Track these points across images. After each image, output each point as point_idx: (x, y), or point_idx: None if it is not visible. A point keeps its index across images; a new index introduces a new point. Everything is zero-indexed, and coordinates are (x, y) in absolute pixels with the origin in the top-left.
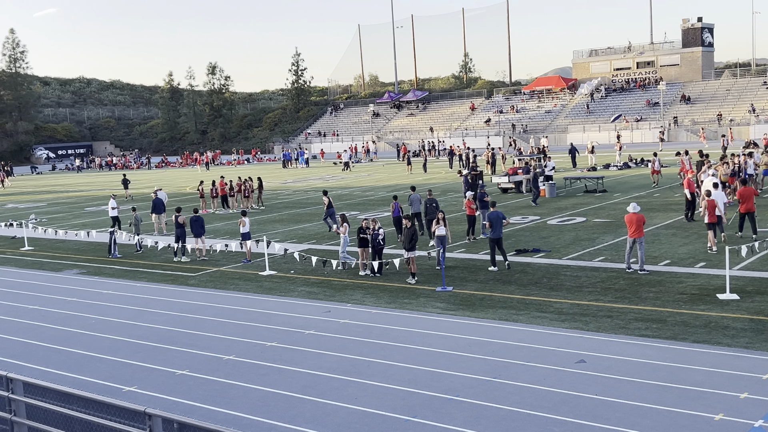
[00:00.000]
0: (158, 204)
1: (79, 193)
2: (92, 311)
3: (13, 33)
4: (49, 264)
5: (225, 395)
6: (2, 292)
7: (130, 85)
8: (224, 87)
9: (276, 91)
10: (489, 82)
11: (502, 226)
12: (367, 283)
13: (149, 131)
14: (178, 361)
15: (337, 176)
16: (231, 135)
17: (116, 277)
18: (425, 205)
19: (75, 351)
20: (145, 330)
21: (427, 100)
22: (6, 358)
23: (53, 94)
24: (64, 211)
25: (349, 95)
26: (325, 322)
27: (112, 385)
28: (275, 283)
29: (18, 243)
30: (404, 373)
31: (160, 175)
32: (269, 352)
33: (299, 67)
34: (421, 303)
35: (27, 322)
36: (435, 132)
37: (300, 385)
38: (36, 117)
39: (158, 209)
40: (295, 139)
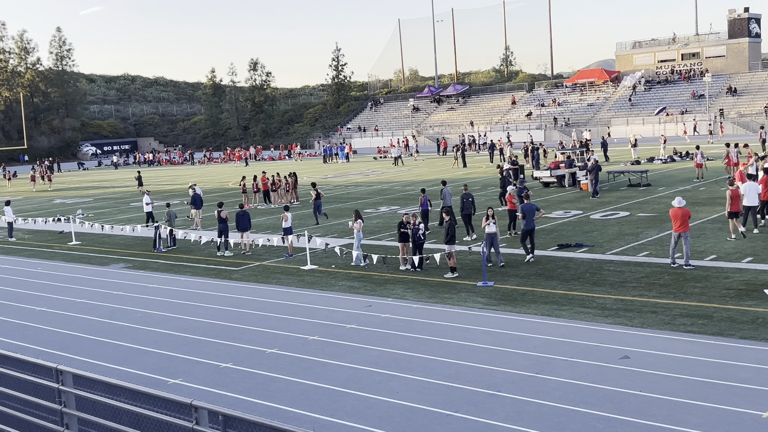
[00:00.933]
0: (197, 198)
1: (123, 188)
2: (138, 305)
3: (59, 31)
4: (95, 258)
5: (268, 388)
6: (51, 285)
7: (173, 81)
8: (265, 83)
9: (316, 86)
10: (530, 75)
11: (534, 217)
12: (407, 278)
13: (192, 127)
14: (221, 355)
15: (377, 171)
16: (272, 130)
17: (161, 271)
18: (461, 200)
19: (122, 344)
20: (190, 323)
21: (467, 94)
22: (56, 351)
23: (99, 91)
24: (109, 206)
25: (389, 90)
26: (366, 316)
27: (158, 378)
28: (316, 277)
29: (66, 238)
30: (445, 367)
31: (203, 171)
32: (311, 345)
33: (339, 62)
34: (462, 298)
35: (75, 316)
36: (475, 126)
37: (342, 378)
38: (82, 114)
39: (197, 204)
40: (335, 135)
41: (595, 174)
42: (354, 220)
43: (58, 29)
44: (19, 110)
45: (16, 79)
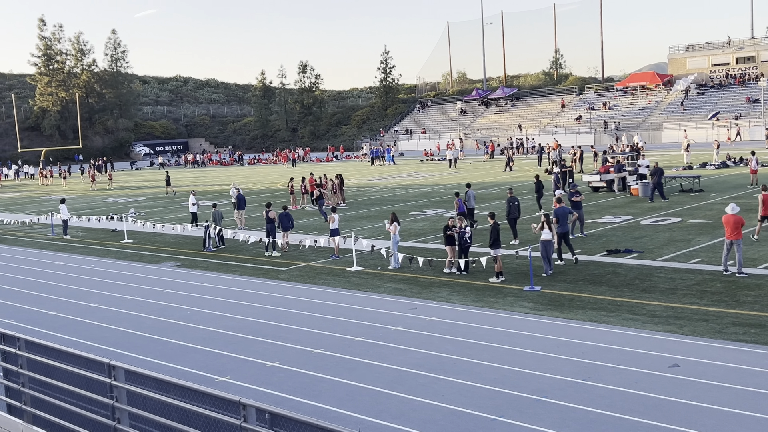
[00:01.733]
0: (240, 199)
1: (174, 188)
2: (188, 303)
3: (114, 33)
4: (147, 256)
5: (314, 388)
6: (104, 282)
7: (224, 83)
8: (314, 85)
9: (365, 89)
10: (580, 79)
11: (567, 220)
12: (453, 281)
13: (242, 129)
14: (268, 353)
15: (424, 173)
16: (320, 132)
17: (210, 270)
18: (507, 204)
19: (172, 341)
20: (238, 322)
21: (516, 96)
22: (108, 347)
23: (152, 93)
24: (161, 205)
25: (436, 92)
26: (412, 318)
27: (207, 375)
28: (362, 278)
29: (118, 236)
30: (491, 372)
31: (252, 172)
32: (356, 346)
33: (388, 65)
34: (508, 302)
35: (127, 312)
36: (523, 129)
37: (387, 380)
38: (135, 114)
39: (240, 204)
40: (380, 137)
41: (657, 178)
42: (390, 223)
43: (113, 31)
44: (75, 111)
45: (72, 80)
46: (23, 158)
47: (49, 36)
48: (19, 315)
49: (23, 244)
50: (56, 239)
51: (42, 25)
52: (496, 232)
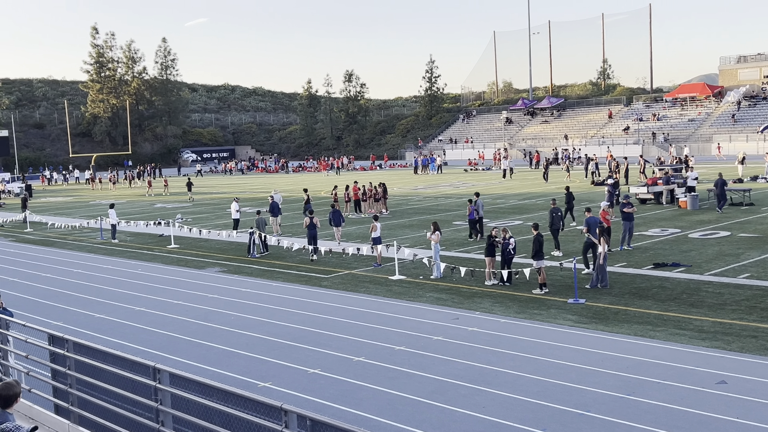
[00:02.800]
0: (275, 207)
1: (221, 195)
2: (232, 308)
3: (165, 42)
4: (192, 261)
5: (354, 396)
6: (150, 287)
7: (271, 92)
8: (359, 94)
9: (409, 98)
10: (628, 89)
11: (596, 230)
12: (496, 292)
13: (288, 136)
14: (310, 360)
15: (468, 183)
16: (365, 141)
17: (254, 276)
18: (550, 215)
19: (215, 346)
20: (280, 328)
21: (562, 107)
22: (153, 350)
23: (200, 100)
24: (207, 211)
25: (482, 102)
26: (453, 329)
27: (249, 380)
28: (404, 287)
29: (165, 241)
30: (533, 384)
31: (296, 180)
32: (398, 355)
33: (433, 74)
34: (551, 314)
35: (172, 317)
36: (570, 140)
37: (428, 390)
38: (184, 122)
39: (274, 212)
40: (427, 146)
41: (720, 189)
42: (432, 232)
43: (164, 40)
44: (125, 117)
45: (123, 87)
46: (74, 163)
47: (101, 44)
48: (68, 317)
49: (73, 248)
50: (105, 243)
51: (95, 34)
52: (539, 243)
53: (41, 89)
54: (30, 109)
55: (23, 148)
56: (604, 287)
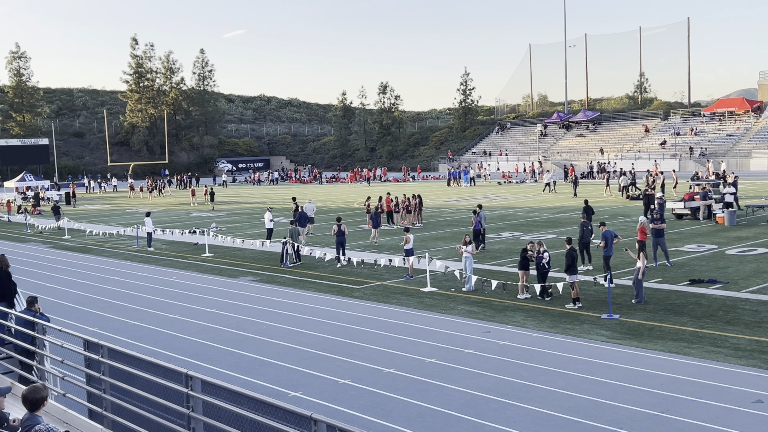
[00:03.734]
0: (302, 216)
1: (255, 204)
2: (264, 317)
3: (203, 53)
4: (226, 270)
5: (384, 407)
6: (185, 295)
7: (306, 103)
8: (394, 106)
9: (443, 110)
10: (665, 103)
11: (613, 243)
12: (528, 306)
13: (322, 147)
14: (341, 371)
15: (501, 195)
16: (398, 153)
17: (287, 285)
18: (580, 229)
19: (247, 354)
20: (312, 338)
21: (598, 120)
22: (186, 357)
23: (236, 111)
24: (241, 221)
25: (516, 115)
26: (485, 342)
27: (279, 389)
28: (436, 299)
29: (200, 249)
30: (565, 400)
31: (330, 190)
32: (428, 368)
33: (467, 86)
34: (585, 329)
35: (205, 324)
36: (605, 153)
37: (458, 403)
38: (220, 132)
39: (302, 221)
40: (459, 158)
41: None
42: (466, 245)
43: (202, 51)
44: (163, 127)
45: (161, 97)
46: (112, 171)
47: (140, 54)
48: (103, 323)
49: (109, 255)
50: (140, 251)
51: (134, 44)
52: (571, 257)
53: (81, 99)
54: (70, 118)
55: (63, 157)
56: (638, 303)
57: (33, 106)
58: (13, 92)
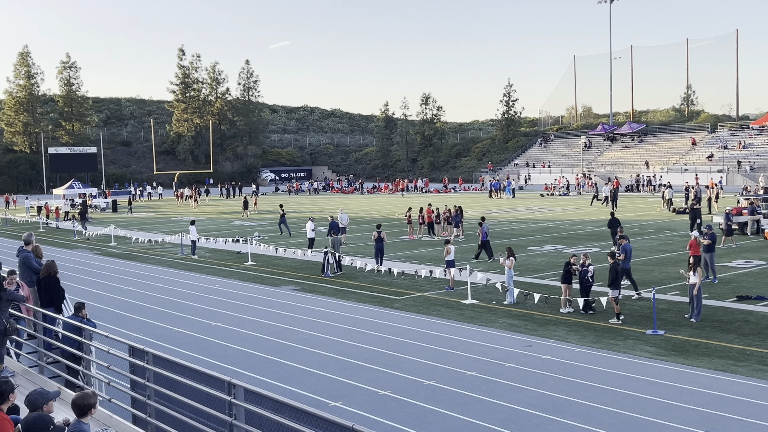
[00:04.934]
0: (334, 226)
1: (297, 214)
2: (305, 326)
3: (248, 64)
4: (268, 279)
5: (424, 420)
6: (227, 302)
7: (348, 113)
8: (436, 117)
9: (486, 121)
10: (713, 116)
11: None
12: (571, 320)
13: (364, 158)
14: (381, 382)
15: (544, 208)
16: (440, 164)
17: (327, 295)
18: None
19: (288, 363)
20: (352, 348)
21: (643, 132)
22: (228, 365)
23: (280, 121)
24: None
25: (560, 126)
26: (526, 356)
27: (320, 399)
28: (477, 312)
29: (242, 258)
30: (608, 416)
31: (371, 200)
32: (469, 381)
33: (510, 97)
34: (629, 345)
35: (247, 333)
36: (651, 166)
37: (499, 417)
38: (263, 142)
39: (333, 231)
40: (501, 170)
41: None
42: (507, 257)
43: (247, 62)
44: (208, 136)
45: (206, 107)
46: (158, 180)
47: (187, 65)
48: (147, 330)
49: (154, 262)
50: (185, 259)
51: (181, 55)
52: (615, 272)
53: (129, 108)
54: (118, 126)
55: (110, 165)
56: (692, 319)
57: (82, 115)
58: (63, 101)
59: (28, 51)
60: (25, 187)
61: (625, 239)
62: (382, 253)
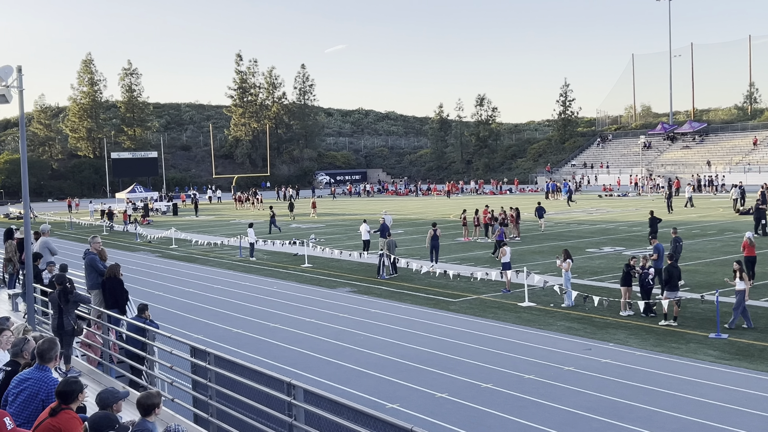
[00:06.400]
0: (384, 228)
1: (352, 216)
2: (361, 328)
3: (304, 68)
4: (324, 281)
5: (482, 423)
6: (284, 304)
7: (403, 116)
8: (491, 118)
9: (542, 122)
10: None
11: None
12: (631, 323)
13: (418, 160)
14: (437, 384)
15: (602, 209)
16: (495, 165)
17: (383, 297)
18: (672, 244)
19: (345, 364)
20: (408, 350)
21: (704, 132)
22: (286, 366)
23: (335, 124)
24: (339, 232)
25: (618, 126)
26: (585, 359)
27: (377, 401)
28: (534, 315)
29: (299, 260)
30: (671, 421)
31: (425, 203)
32: (527, 384)
33: (567, 97)
34: (691, 349)
35: (305, 334)
36: (713, 166)
37: (557, 421)
38: (319, 145)
39: (383, 233)
40: (559, 171)
41: None
42: (563, 259)
43: (303, 66)
44: (265, 140)
45: (263, 111)
46: (216, 183)
47: (244, 70)
48: (208, 331)
49: (214, 264)
50: (243, 261)
51: (239, 60)
52: (668, 273)
53: (188, 113)
54: (177, 131)
55: (170, 169)
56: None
57: (143, 121)
58: (125, 107)
59: (91, 59)
60: (89, 191)
61: (656, 239)
62: (437, 250)
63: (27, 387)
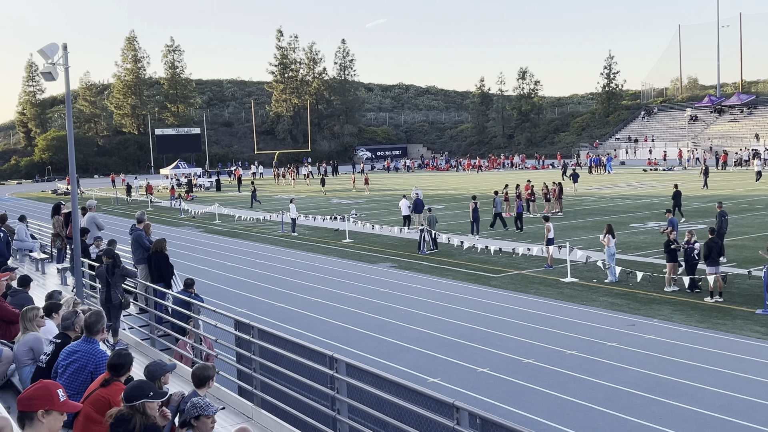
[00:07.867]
0: (418, 203)
1: (393, 191)
2: (402, 303)
3: (344, 43)
4: (366, 256)
5: (524, 398)
6: (326, 279)
7: (443, 90)
8: (533, 91)
9: (585, 95)
10: None
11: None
12: (675, 299)
13: (459, 135)
14: (479, 359)
15: (647, 183)
16: (537, 139)
17: (424, 272)
18: (717, 219)
19: (386, 339)
20: (449, 325)
21: (753, 104)
22: (328, 340)
23: (375, 100)
24: (380, 207)
25: (664, 99)
26: (629, 335)
27: (418, 375)
28: (576, 290)
29: (340, 235)
30: (715, 398)
31: (466, 178)
32: (569, 360)
33: (611, 70)
34: (737, 325)
35: (346, 308)
36: (761, 139)
37: (600, 397)
38: (359, 120)
39: (417, 208)
40: (604, 145)
41: None
42: (605, 234)
43: (343, 41)
44: (306, 116)
45: (304, 87)
46: (258, 159)
47: (285, 46)
48: (251, 305)
49: (257, 240)
50: (285, 236)
51: (280, 36)
52: (708, 248)
53: (230, 89)
54: (220, 108)
55: (213, 145)
56: None
57: (186, 97)
58: (168, 84)
59: (134, 36)
60: (133, 168)
61: (670, 212)
62: (478, 222)
63: (76, 359)
